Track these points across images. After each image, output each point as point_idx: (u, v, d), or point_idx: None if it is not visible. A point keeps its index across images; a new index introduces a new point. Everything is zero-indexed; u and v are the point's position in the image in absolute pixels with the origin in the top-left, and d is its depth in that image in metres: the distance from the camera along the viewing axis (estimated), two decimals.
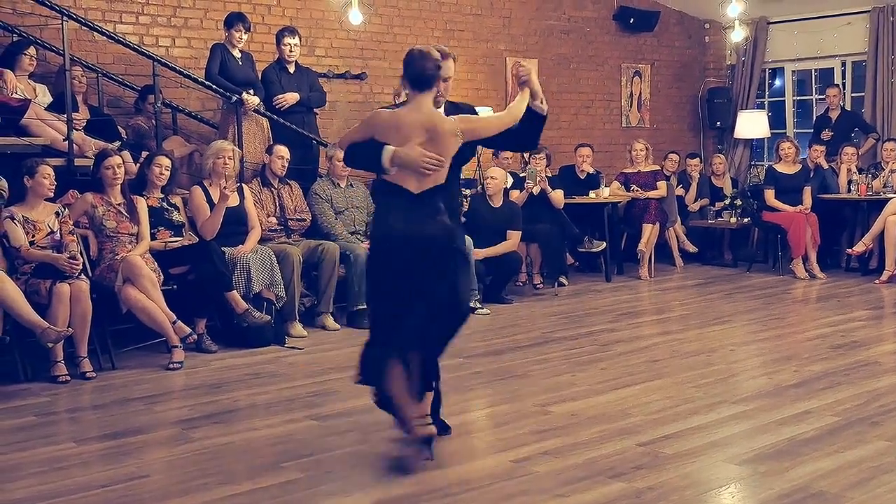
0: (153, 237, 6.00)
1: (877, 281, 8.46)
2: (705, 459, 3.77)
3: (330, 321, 6.67)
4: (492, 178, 7.76)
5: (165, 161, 6.17)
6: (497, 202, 7.77)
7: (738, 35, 10.06)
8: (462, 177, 8.41)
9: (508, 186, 8.31)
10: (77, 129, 6.25)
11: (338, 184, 7.17)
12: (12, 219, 5.36)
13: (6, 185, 5.75)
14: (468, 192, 7.72)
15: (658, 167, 9.70)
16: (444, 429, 4.08)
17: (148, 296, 5.57)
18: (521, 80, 4.12)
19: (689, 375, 5.19)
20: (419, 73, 3.84)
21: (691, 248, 9.91)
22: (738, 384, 5.08)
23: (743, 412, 4.43)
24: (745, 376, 5.29)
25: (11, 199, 5.57)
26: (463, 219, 7.48)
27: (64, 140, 6.13)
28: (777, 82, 12.06)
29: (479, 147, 8.73)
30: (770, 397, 4.71)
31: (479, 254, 7.42)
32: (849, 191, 9.24)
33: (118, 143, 6.50)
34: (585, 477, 3.58)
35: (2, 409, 4.70)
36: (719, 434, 4.09)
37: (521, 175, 8.50)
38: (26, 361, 5.27)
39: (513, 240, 7.71)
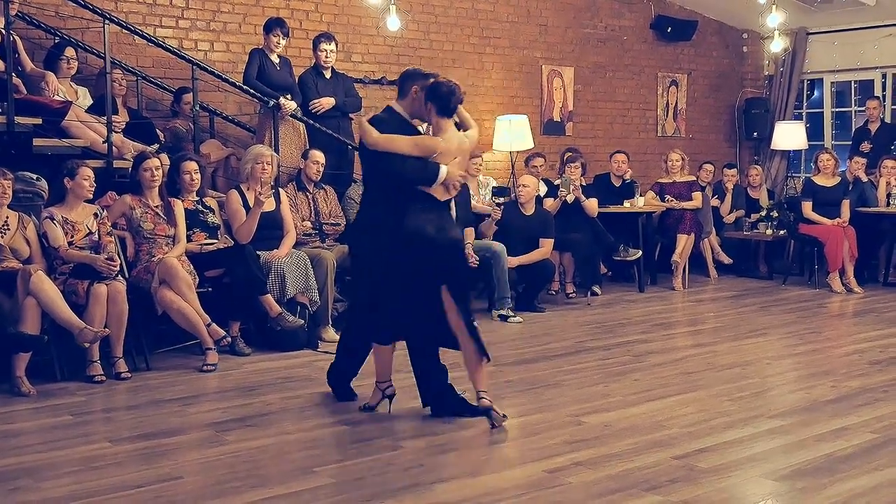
0: (188, 239, 6.04)
1: None
2: (741, 474, 3.72)
3: None
4: (524, 186, 7.74)
5: (192, 165, 6.19)
6: (529, 210, 7.75)
7: (777, 45, 9.94)
8: (495, 184, 8.45)
9: (542, 194, 8.28)
10: (116, 132, 6.31)
11: None
12: (52, 219, 5.43)
13: (46, 186, 5.83)
14: (501, 199, 7.71)
15: (694, 177, 9.62)
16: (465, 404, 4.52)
17: (183, 298, 5.60)
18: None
19: (724, 388, 5.13)
20: (455, 104, 4.48)
21: (726, 260, 9.82)
22: (775, 398, 5.02)
23: (779, 427, 4.37)
24: (781, 391, 5.22)
25: (51, 200, 5.65)
26: (495, 227, 7.53)
27: (103, 142, 6.19)
28: (816, 93, 11.93)
29: (514, 154, 8.94)
30: (807, 412, 4.65)
31: (512, 262, 7.40)
32: (888, 204, 9.12)
33: (156, 146, 6.56)
34: (619, 489, 3.55)
35: (39, 408, 4.75)
36: (755, 449, 4.04)
37: (556, 183, 8.47)
38: (63, 361, 5.32)
39: (545, 248, 7.68)
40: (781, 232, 9.60)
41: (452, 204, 4.60)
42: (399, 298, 4.44)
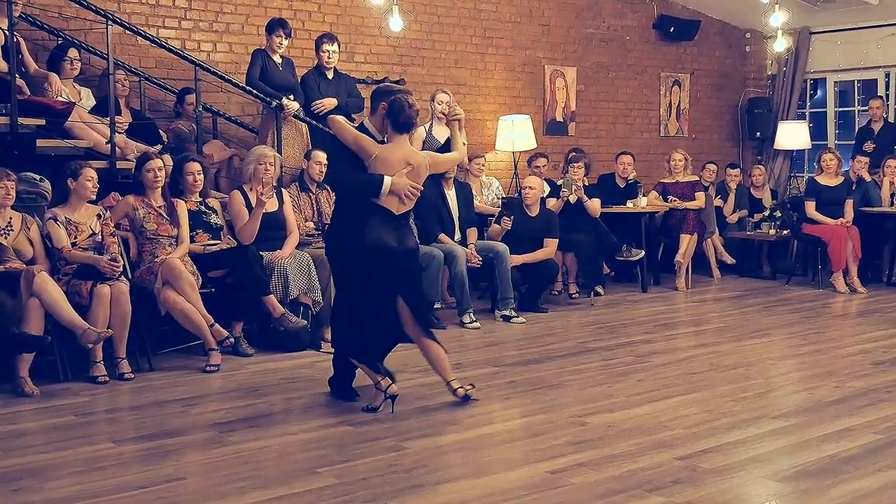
0: (192, 240, 6.04)
1: None
2: (745, 475, 3.72)
3: None
4: (530, 188, 7.73)
5: (195, 166, 6.19)
6: (534, 211, 7.75)
7: (780, 45, 9.94)
8: (504, 195, 8.38)
9: (545, 195, 8.28)
10: (119, 133, 6.32)
11: None
12: (55, 220, 5.43)
13: (50, 187, 5.83)
14: (508, 209, 7.65)
15: (696, 177, 9.62)
16: None
17: (186, 298, 5.60)
18: (454, 118, 5.06)
19: (727, 389, 5.12)
20: (404, 120, 4.67)
21: (729, 260, 9.81)
22: (778, 399, 5.01)
23: (783, 427, 4.37)
24: (784, 391, 5.22)
25: (55, 201, 5.65)
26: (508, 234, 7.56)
27: (106, 143, 6.20)
28: (819, 93, 11.91)
29: (517, 154, 9.01)
30: (810, 413, 4.64)
31: (516, 259, 7.40)
32: (891, 204, 9.11)
33: (159, 147, 6.57)
34: (622, 490, 3.54)
35: (42, 408, 4.76)
36: (759, 449, 4.04)
37: (558, 183, 8.46)
38: (66, 361, 5.33)
39: (550, 247, 7.68)
40: (785, 232, 9.58)
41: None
42: (364, 309, 4.67)
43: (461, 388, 4.77)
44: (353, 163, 4.66)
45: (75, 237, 5.47)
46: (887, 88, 10.78)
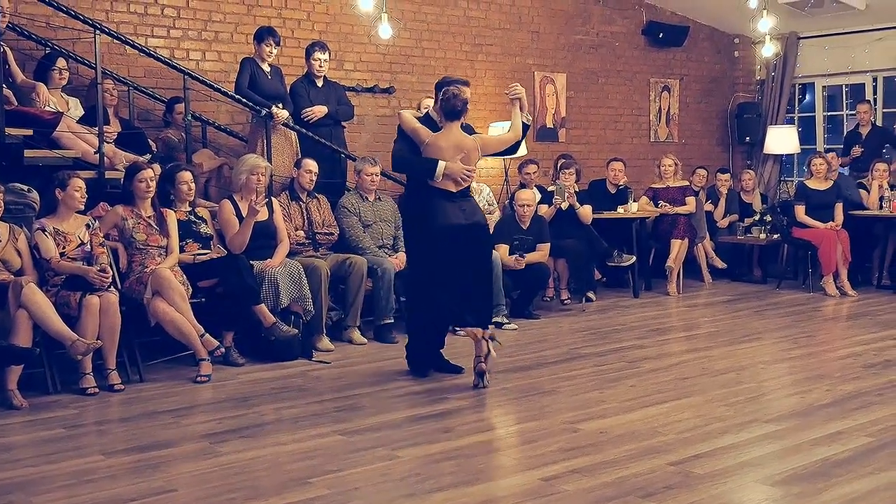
0: (181, 250, 6.01)
1: None
2: (737, 480, 3.72)
3: (357, 335, 6.67)
4: (527, 205, 7.73)
5: (187, 175, 6.17)
6: (527, 223, 7.75)
7: (768, 50, 9.97)
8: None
9: (537, 201, 8.28)
10: (108, 142, 6.29)
11: (366, 197, 7.17)
12: (43, 231, 5.40)
13: (38, 198, 5.80)
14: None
15: (687, 182, 9.64)
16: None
17: (176, 308, 5.57)
18: (514, 97, 5.49)
19: (719, 393, 5.13)
20: (450, 108, 5.32)
21: (720, 264, 9.82)
22: (770, 403, 5.01)
23: (775, 432, 4.37)
24: (776, 395, 5.22)
25: (43, 212, 5.62)
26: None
27: (95, 153, 6.17)
28: (807, 97, 11.95)
29: (507, 161, 9.05)
30: (802, 417, 4.64)
31: (509, 260, 7.40)
32: (880, 207, 9.13)
33: (148, 156, 6.54)
34: (616, 496, 3.54)
35: (31, 421, 4.73)
36: (751, 454, 4.04)
37: (549, 189, 8.47)
38: (55, 373, 5.29)
39: (543, 252, 7.70)
40: (775, 236, 9.61)
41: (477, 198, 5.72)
42: (440, 283, 5.27)
43: (483, 364, 5.22)
44: (413, 149, 5.38)
45: (64, 247, 5.44)
46: (875, 93, 10.82)
